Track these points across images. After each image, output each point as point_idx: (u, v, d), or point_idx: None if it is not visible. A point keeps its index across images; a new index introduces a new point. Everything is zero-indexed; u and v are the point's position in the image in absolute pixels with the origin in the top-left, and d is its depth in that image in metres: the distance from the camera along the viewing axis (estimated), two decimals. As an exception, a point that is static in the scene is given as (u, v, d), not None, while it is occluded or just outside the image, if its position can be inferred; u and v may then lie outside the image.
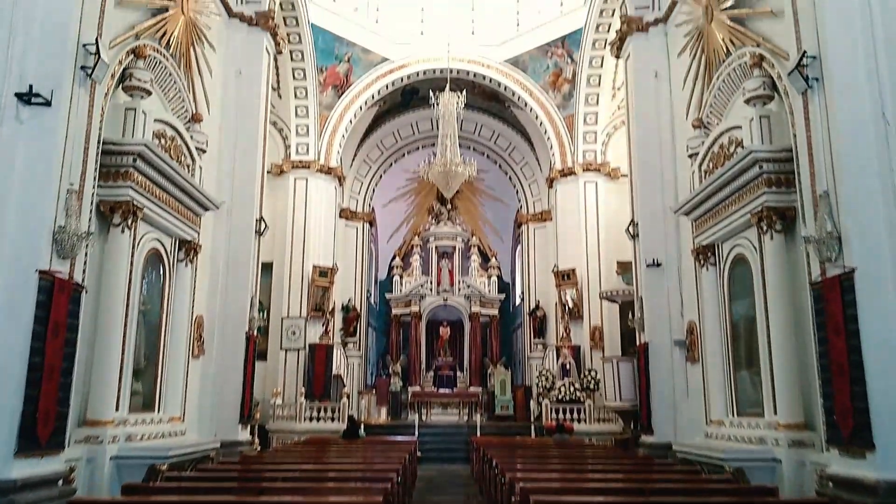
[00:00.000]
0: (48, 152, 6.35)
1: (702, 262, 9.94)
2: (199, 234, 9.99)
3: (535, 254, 20.04)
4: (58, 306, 6.28)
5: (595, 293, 16.34)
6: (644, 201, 11.72)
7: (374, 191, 21.12)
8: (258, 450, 12.20)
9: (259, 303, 12.12)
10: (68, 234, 6.45)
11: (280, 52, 13.34)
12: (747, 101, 8.62)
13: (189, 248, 9.73)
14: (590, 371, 15.84)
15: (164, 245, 9.20)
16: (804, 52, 7.16)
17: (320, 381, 15.85)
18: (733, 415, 9.14)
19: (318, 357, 16.04)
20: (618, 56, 13.11)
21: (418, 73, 18.05)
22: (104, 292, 7.80)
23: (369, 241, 21.02)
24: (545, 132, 18.03)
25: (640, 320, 11.55)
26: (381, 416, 18.18)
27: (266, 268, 13.98)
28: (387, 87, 18.07)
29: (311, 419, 14.99)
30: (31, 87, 6.21)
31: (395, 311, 20.75)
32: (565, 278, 17.41)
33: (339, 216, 18.93)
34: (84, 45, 6.89)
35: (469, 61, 18.00)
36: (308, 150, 17.22)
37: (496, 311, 20.82)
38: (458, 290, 20.55)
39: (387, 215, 22.44)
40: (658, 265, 11.19)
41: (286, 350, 16.15)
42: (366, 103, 18.02)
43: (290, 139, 17.19)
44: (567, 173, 17.61)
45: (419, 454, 13.17)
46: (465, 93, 16.05)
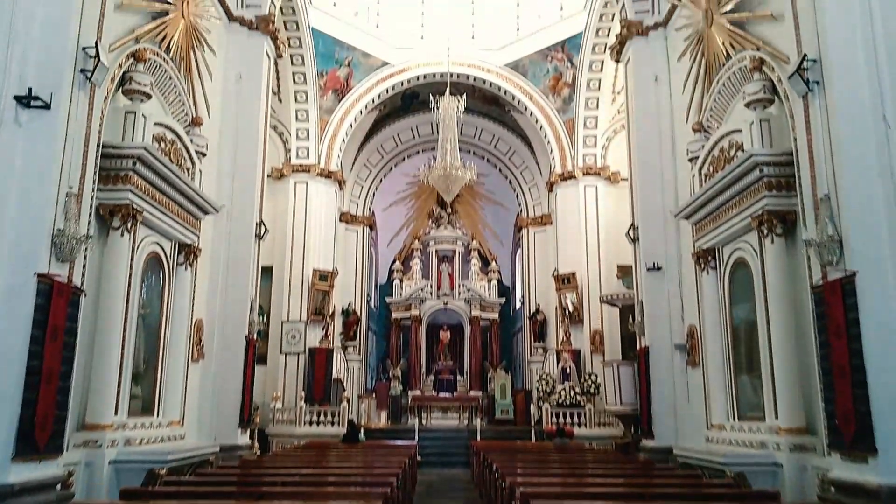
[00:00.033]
0: (47, 155, 6.33)
1: (702, 265, 9.92)
2: (198, 237, 9.98)
3: (535, 258, 20.04)
4: (56, 310, 6.25)
5: (595, 297, 16.35)
6: (644, 205, 11.72)
7: (374, 195, 21.13)
8: (258, 454, 12.16)
9: (259, 306, 12.11)
10: (67, 237, 6.43)
11: (280, 56, 13.36)
12: (747, 105, 8.61)
13: (189, 252, 9.72)
14: (590, 375, 15.81)
15: (163, 248, 9.19)
16: (804, 55, 7.15)
17: (320, 385, 15.83)
18: (734, 419, 9.11)
19: (318, 361, 16.02)
20: (618, 60, 13.12)
21: (418, 78, 18.08)
22: (103, 296, 7.80)
23: (369, 245, 21.01)
24: (545, 136, 18.04)
25: (641, 324, 11.54)
26: (381, 421, 18.15)
27: (266, 271, 13.97)
28: (387, 91, 18.11)
29: (310, 423, 14.97)
30: (30, 89, 6.19)
31: (395, 315, 20.75)
32: (565, 282, 17.39)
33: (340, 220, 18.94)
34: (84, 49, 6.89)
35: (469, 65, 18.04)
36: (308, 153, 17.25)
37: (496, 315, 20.82)
38: (459, 293, 20.55)
39: (387, 219, 22.43)
40: (658, 269, 11.18)
41: (286, 354, 16.14)
42: (366, 107, 18.06)
43: (291, 143, 17.21)
44: (567, 177, 17.63)
45: (419, 458, 13.15)
46: (465, 97, 16.07)
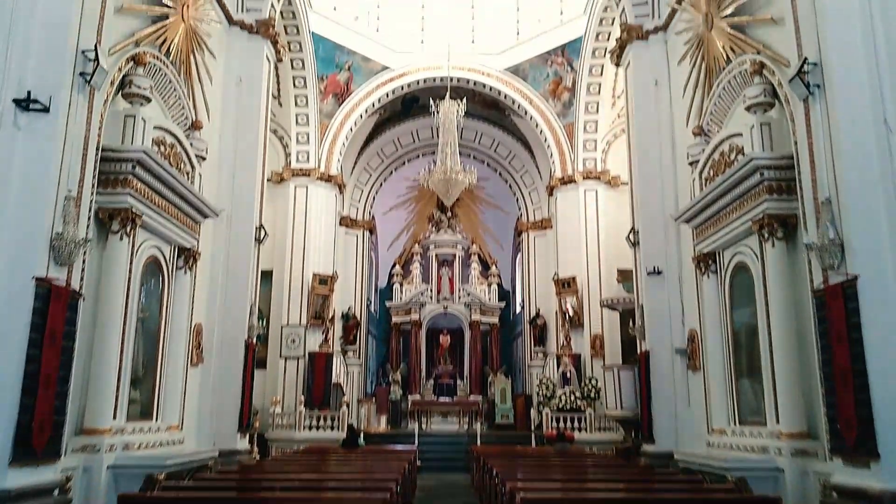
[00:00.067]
0: (46, 158, 6.31)
1: (703, 269, 9.90)
2: (198, 241, 9.96)
3: (535, 262, 20.00)
4: (54, 314, 6.23)
5: (595, 301, 16.31)
6: (644, 209, 11.70)
7: (374, 199, 21.10)
8: (257, 459, 12.12)
9: (258, 311, 12.08)
10: (66, 240, 6.40)
11: (280, 61, 13.37)
12: (748, 109, 8.61)
13: (188, 256, 9.70)
14: (590, 379, 15.77)
15: (163, 252, 9.17)
16: (805, 58, 7.15)
17: (320, 389, 15.78)
18: (735, 423, 9.07)
19: (318, 365, 15.98)
20: (618, 64, 13.12)
21: (418, 82, 18.08)
22: (102, 300, 7.77)
23: (369, 249, 20.99)
24: (545, 140, 18.03)
25: (641, 328, 11.51)
26: (381, 425, 18.10)
27: (266, 275, 13.94)
28: (387, 96, 18.11)
29: (310, 428, 14.92)
30: (29, 93, 6.18)
31: (395, 320, 20.72)
32: (566, 286, 17.36)
33: (340, 224, 18.92)
34: (83, 52, 6.87)
35: (469, 70, 18.04)
36: (308, 157, 17.23)
37: (496, 320, 20.79)
38: (459, 298, 20.53)
39: (387, 223, 22.41)
40: (659, 273, 11.15)
41: (286, 358, 16.09)
42: (366, 111, 18.05)
43: (291, 147, 17.20)
44: (567, 181, 17.60)
45: (419, 463, 13.09)
46: (465, 101, 16.06)
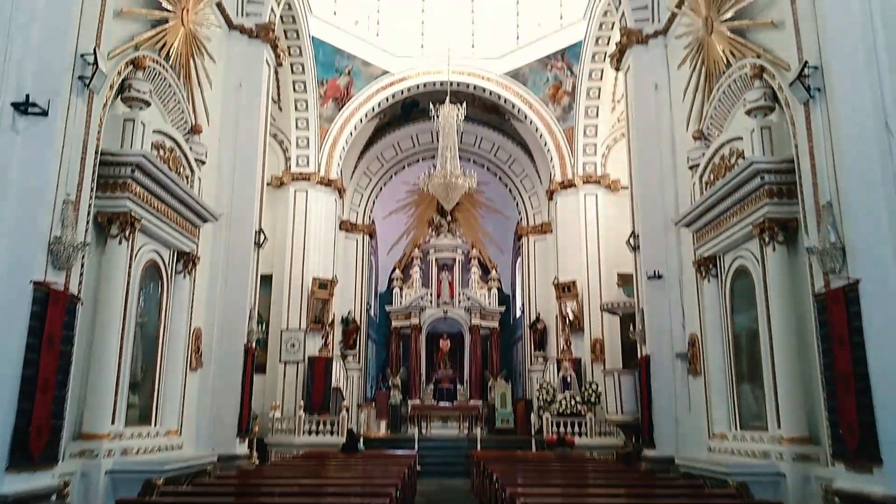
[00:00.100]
0: (44, 162, 6.29)
1: (703, 273, 9.88)
2: (197, 245, 9.94)
3: (535, 266, 19.97)
4: (52, 318, 6.20)
5: (596, 305, 16.28)
6: (645, 213, 11.69)
7: (374, 203, 21.09)
8: (256, 464, 12.08)
9: (258, 315, 12.05)
10: (64, 244, 6.38)
11: (280, 65, 13.36)
12: (748, 113, 8.60)
13: (187, 260, 9.68)
14: (591, 384, 15.73)
15: (162, 257, 9.14)
16: (806, 62, 7.14)
17: (319, 394, 15.74)
18: (736, 428, 9.04)
19: (318, 370, 15.94)
20: (618, 68, 13.12)
21: (418, 86, 18.09)
22: (101, 304, 7.74)
23: (369, 254, 20.97)
24: (545, 144, 18.03)
25: (642, 333, 11.48)
26: (381, 430, 18.05)
27: (265, 280, 13.92)
28: (387, 100, 18.11)
29: (309, 433, 14.85)
30: (27, 96, 6.16)
31: (394, 324, 20.67)
32: (566, 290, 17.33)
33: (339, 228, 18.90)
34: (82, 56, 6.85)
35: (469, 74, 18.04)
36: (308, 162, 17.23)
37: (496, 324, 20.73)
38: (459, 302, 20.49)
39: (387, 227, 22.40)
40: (659, 277, 11.13)
41: (285, 363, 16.06)
42: (366, 116, 18.06)
43: (291, 151, 17.19)
44: (567, 185, 17.60)
45: (419, 468, 13.06)
46: (465, 105, 16.07)
